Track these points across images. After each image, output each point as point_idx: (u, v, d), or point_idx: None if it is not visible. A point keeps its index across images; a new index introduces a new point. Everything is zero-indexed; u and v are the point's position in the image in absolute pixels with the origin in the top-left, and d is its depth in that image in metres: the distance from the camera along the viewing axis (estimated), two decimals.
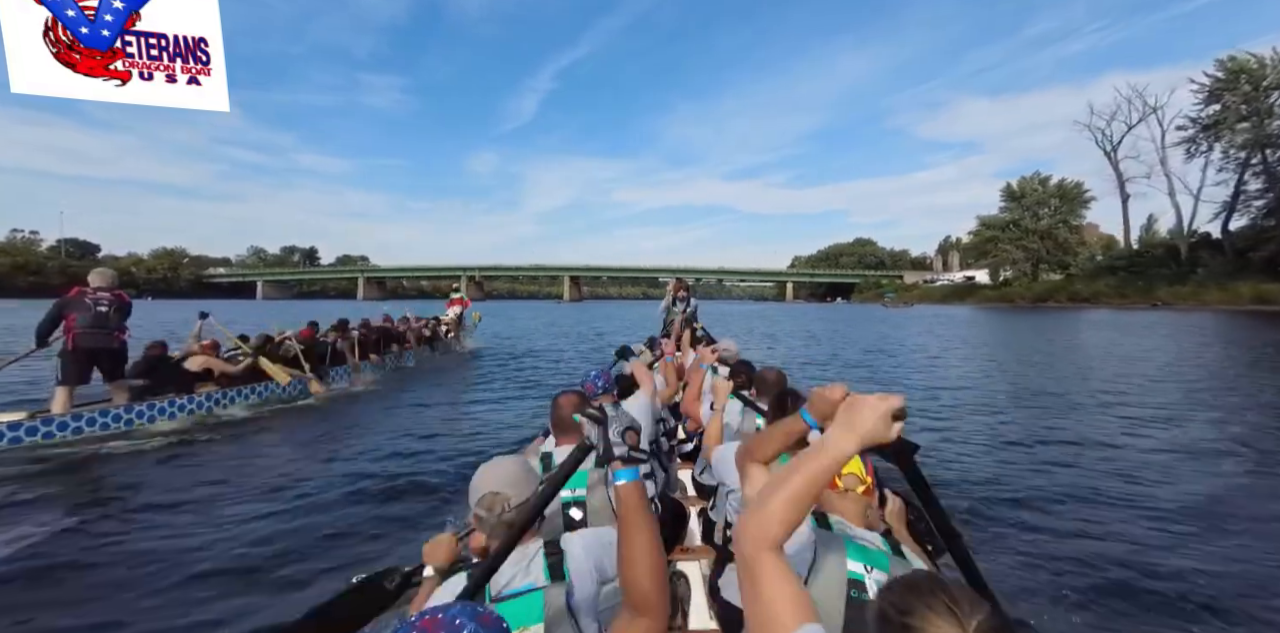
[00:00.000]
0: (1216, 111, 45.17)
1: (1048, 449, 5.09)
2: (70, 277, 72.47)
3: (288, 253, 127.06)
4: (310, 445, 5.26)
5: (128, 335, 5.36)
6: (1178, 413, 6.58)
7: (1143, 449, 5.01)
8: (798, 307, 72.12)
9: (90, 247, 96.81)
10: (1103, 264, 58.15)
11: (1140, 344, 15.49)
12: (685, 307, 6.81)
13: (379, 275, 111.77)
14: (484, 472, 1.36)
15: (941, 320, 30.73)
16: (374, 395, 7.99)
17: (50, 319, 4.99)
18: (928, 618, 0.77)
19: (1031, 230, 60.68)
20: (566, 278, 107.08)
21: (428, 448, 5.15)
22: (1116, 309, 43.27)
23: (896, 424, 0.91)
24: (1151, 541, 3.06)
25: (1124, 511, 3.50)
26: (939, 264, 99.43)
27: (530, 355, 13.30)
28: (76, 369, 5.02)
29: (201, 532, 3.17)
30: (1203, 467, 4.47)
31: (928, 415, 6.57)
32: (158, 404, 5.60)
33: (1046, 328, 23.67)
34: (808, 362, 12.61)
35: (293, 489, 3.90)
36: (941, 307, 58.72)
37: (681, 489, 3.20)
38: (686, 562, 2.30)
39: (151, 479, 4.10)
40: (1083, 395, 7.83)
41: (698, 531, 2.55)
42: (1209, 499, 3.68)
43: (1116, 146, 59.75)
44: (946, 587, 0.82)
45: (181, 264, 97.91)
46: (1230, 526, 3.26)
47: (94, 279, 5.23)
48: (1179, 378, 9.25)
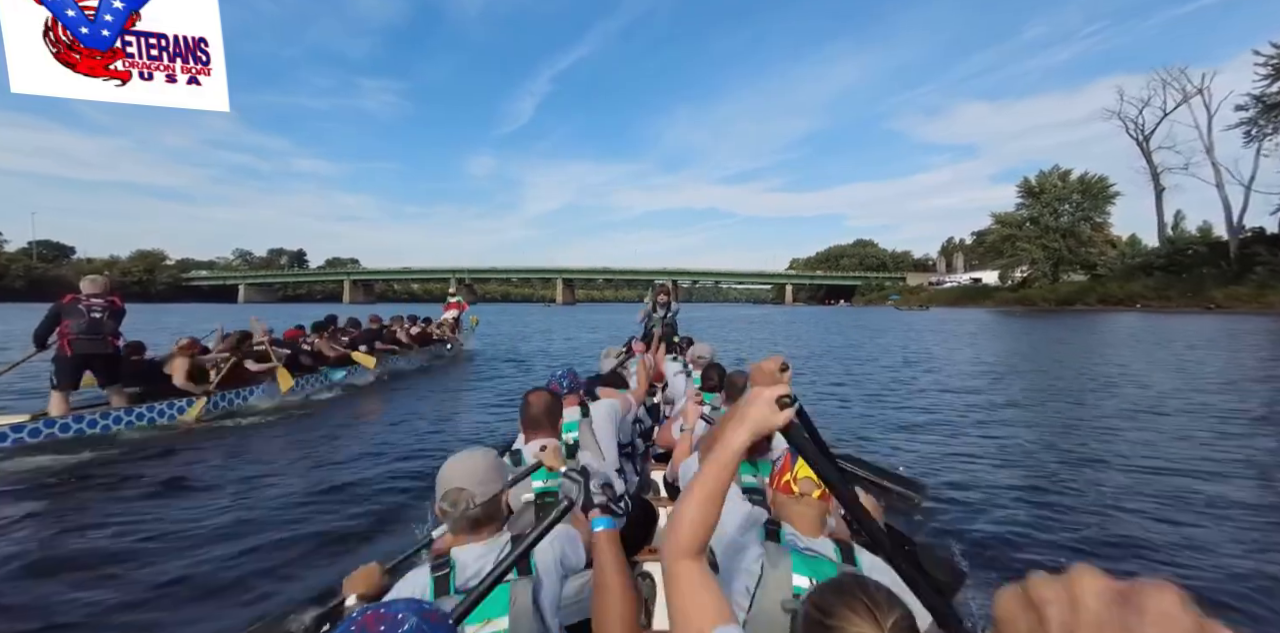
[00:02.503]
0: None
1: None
2: (32, 281, 73.42)
3: (275, 255, 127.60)
4: (304, 447, 5.42)
5: (121, 341, 5.59)
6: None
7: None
8: (798, 310, 71.69)
9: (64, 249, 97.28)
10: (1136, 263, 55.97)
11: (1243, 360, 12.32)
12: (666, 313, 6.93)
13: (366, 278, 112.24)
14: (450, 466, 1.39)
15: (967, 325, 28.82)
16: (367, 397, 8.20)
17: (46, 325, 5.25)
18: (847, 617, 0.85)
19: (1052, 228, 59.52)
20: (559, 280, 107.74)
21: (415, 448, 5.37)
22: (1158, 312, 40.67)
23: (785, 412, 0.92)
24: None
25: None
26: (942, 266, 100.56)
27: (527, 358, 13.53)
28: (70, 374, 5.27)
29: (203, 534, 3.30)
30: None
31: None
32: (157, 406, 5.84)
33: (1100, 334, 21.36)
34: (873, 397, 8.32)
35: (288, 491, 4.05)
36: (954, 310, 57.91)
37: (654, 491, 3.37)
38: (653, 562, 2.39)
39: (149, 482, 4.23)
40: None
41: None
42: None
43: (1149, 136, 57.17)
44: (866, 587, 0.90)
45: (159, 267, 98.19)
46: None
47: (86, 286, 5.44)
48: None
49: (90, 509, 3.69)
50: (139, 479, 4.28)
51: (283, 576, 2.81)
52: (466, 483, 1.34)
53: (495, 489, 1.38)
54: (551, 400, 2.20)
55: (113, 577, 2.78)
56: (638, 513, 2.43)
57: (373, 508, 3.74)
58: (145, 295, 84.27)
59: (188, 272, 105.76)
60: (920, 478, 3.91)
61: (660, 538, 2.58)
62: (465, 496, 1.33)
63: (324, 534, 3.31)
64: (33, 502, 3.79)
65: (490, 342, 18.08)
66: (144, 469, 4.56)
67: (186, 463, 4.77)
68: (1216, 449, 5.25)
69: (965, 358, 13.79)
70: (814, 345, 17.95)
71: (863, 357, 14.29)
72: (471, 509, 1.33)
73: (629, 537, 2.29)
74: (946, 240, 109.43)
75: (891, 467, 4.08)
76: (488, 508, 1.35)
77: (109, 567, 2.86)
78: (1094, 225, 59.98)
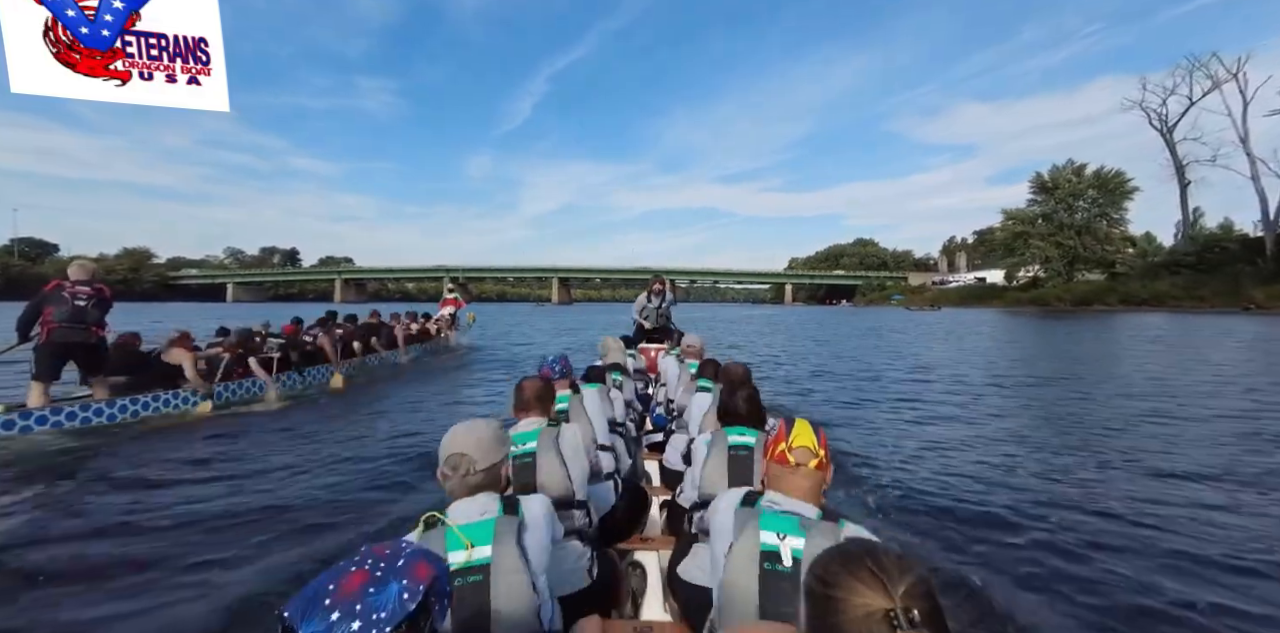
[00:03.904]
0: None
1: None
2: (10, 279, 73.68)
3: (267, 254, 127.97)
4: (294, 441, 5.48)
5: (106, 331, 5.53)
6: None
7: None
8: (799, 310, 71.04)
9: (48, 246, 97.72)
10: (1159, 262, 54.48)
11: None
12: (662, 302, 7.12)
13: (357, 277, 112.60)
14: (455, 432, 1.47)
15: (992, 327, 27.04)
16: (361, 392, 8.37)
17: (29, 313, 5.15)
18: (852, 588, 0.75)
19: (1066, 225, 58.91)
20: (555, 280, 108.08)
21: (412, 440, 5.47)
22: (1189, 313, 39.09)
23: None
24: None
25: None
26: (944, 265, 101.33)
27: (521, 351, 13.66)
28: (50, 364, 5.17)
29: (182, 530, 3.33)
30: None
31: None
32: (141, 399, 5.78)
33: (1135, 335, 19.58)
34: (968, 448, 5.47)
35: (274, 486, 4.11)
36: (963, 310, 57.19)
37: (646, 479, 3.48)
38: (645, 551, 2.42)
39: (130, 476, 4.26)
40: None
41: (659, 520, 2.75)
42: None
43: (1173, 127, 55.62)
44: (874, 552, 0.80)
45: (145, 265, 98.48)
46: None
47: (74, 272, 5.38)
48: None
49: (65, 505, 3.70)
50: (117, 475, 4.26)
51: (267, 574, 2.83)
52: (469, 449, 1.42)
53: (496, 458, 1.46)
54: (543, 386, 2.27)
55: (85, 577, 2.78)
56: (629, 500, 2.50)
57: (360, 505, 3.79)
58: (130, 294, 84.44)
59: (178, 269, 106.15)
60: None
61: (653, 526, 2.71)
62: (467, 461, 1.41)
63: (308, 530, 3.34)
64: (4, 497, 3.79)
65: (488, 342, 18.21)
66: (123, 464, 4.55)
67: (169, 458, 4.75)
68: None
69: (1045, 372, 10.83)
70: (841, 351, 15.83)
71: (909, 367, 12.02)
72: (471, 475, 1.40)
73: (619, 524, 2.38)
74: (948, 239, 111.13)
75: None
76: (489, 475, 1.44)
77: (82, 566, 2.87)
78: (1111, 222, 59.09)
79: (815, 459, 1.44)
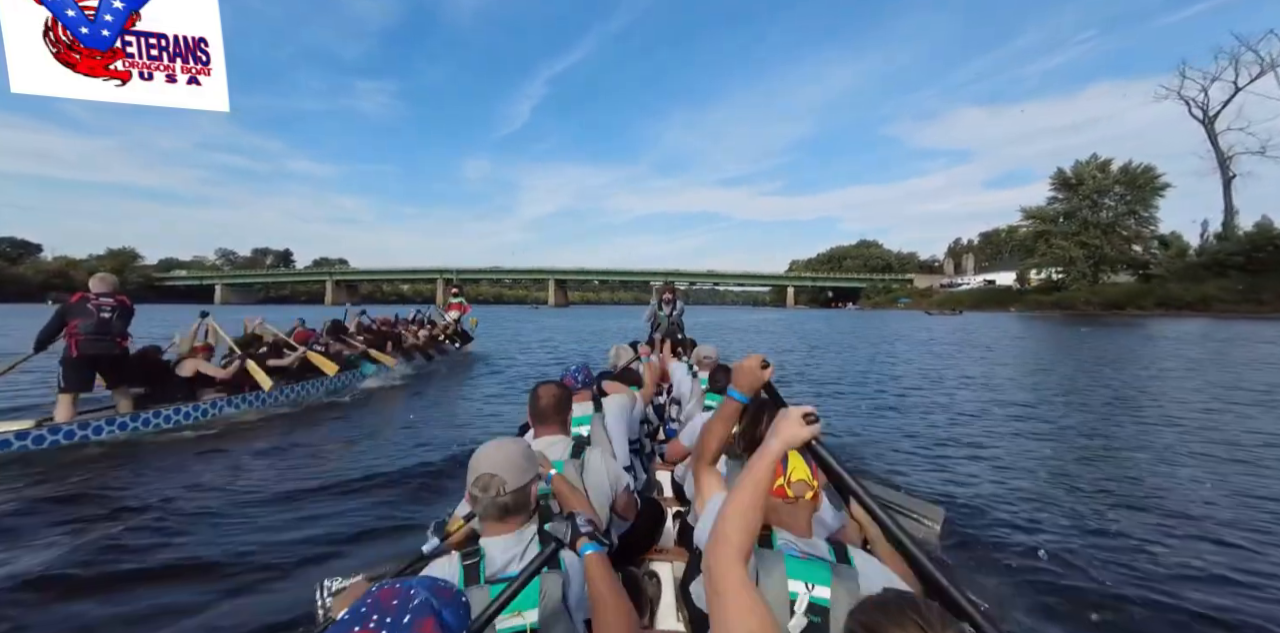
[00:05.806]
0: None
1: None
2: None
3: (259, 255, 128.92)
4: (318, 448, 5.71)
5: (130, 342, 5.74)
6: None
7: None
8: (803, 313, 70.32)
9: (30, 247, 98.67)
10: (1201, 262, 51.56)
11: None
12: (672, 310, 7.44)
13: (349, 278, 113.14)
14: (484, 452, 1.49)
15: (1036, 336, 24.56)
16: (374, 398, 8.71)
17: (53, 325, 5.34)
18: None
19: (1091, 223, 57.36)
20: (551, 282, 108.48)
21: (436, 447, 5.70)
22: (1240, 319, 37.43)
23: (812, 426, 1.20)
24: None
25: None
26: (949, 267, 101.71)
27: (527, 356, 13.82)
28: (78, 376, 5.39)
29: (212, 538, 3.49)
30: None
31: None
32: (164, 412, 6.02)
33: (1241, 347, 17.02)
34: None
35: (300, 495, 4.27)
36: (981, 314, 55.99)
37: (659, 491, 3.55)
38: (660, 562, 2.54)
39: (158, 488, 4.42)
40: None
41: (674, 532, 2.83)
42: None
43: (1214, 117, 53.61)
44: (916, 605, 0.89)
45: (130, 266, 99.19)
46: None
47: (95, 284, 5.58)
48: None
49: (96, 519, 3.82)
50: (146, 488, 4.41)
51: (283, 589, 2.94)
52: (498, 469, 1.43)
53: (527, 479, 1.47)
54: (561, 394, 2.27)
55: (115, 591, 2.90)
56: (646, 516, 2.52)
57: (379, 515, 3.91)
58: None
59: (168, 270, 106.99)
60: (936, 502, 3.52)
61: (667, 538, 2.78)
62: (497, 482, 1.42)
63: (329, 540, 3.47)
64: (37, 516, 3.88)
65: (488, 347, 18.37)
66: (150, 477, 4.71)
67: (194, 471, 4.91)
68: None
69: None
70: (878, 365, 13.75)
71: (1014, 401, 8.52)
72: (502, 496, 1.42)
73: (637, 537, 2.44)
74: (954, 241, 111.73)
75: (908, 487, 4.09)
76: (518, 496, 1.45)
77: (112, 582, 2.97)
78: (1140, 220, 57.16)
79: (810, 491, 1.52)
